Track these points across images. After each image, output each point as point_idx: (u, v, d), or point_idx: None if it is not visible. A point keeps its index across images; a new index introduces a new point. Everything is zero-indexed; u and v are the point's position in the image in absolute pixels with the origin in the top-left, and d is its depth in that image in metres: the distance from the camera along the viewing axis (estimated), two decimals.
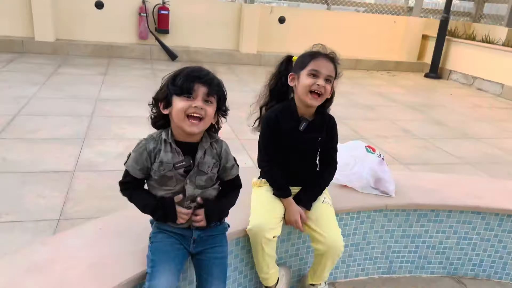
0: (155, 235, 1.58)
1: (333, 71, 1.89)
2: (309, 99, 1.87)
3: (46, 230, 2.52)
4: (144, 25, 7.87)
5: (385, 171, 2.27)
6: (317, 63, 1.87)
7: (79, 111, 4.66)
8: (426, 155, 4.33)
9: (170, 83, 1.51)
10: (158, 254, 1.50)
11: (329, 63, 1.89)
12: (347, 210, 2.11)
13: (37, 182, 3.05)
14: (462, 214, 2.28)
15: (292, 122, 1.94)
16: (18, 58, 6.92)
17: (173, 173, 1.52)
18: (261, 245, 1.80)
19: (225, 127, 2.10)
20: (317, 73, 1.85)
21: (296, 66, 1.94)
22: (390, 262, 2.34)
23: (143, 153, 1.53)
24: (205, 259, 1.59)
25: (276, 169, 1.97)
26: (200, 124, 1.49)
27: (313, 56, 1.89)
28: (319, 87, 1.84)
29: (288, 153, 1.97)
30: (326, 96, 1.89)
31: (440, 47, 8.69)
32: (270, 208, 1.90)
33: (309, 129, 1.94)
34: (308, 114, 1.95)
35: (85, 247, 1.58)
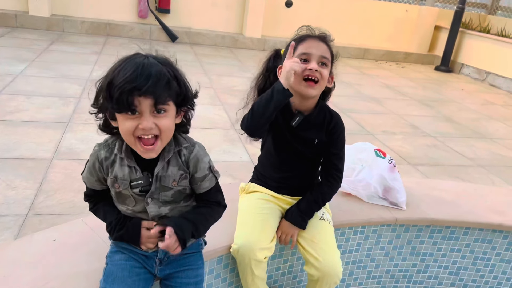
0: (111, 255, 1.29)
1: (327, 51, 1.59)
2: (304, 87, 1.55)
3: (11, 227, 2.25)
4: (144, 3, 7.50)
5: (396, 179, 1.97)
6: (306, 45, 1.57)
7: (67, 92, 4.36)
8: (436, 155, 4.03)
9: (105, 95, 1.13)
10: (111, 282, 1.21)
11: (319, 43, 1.59)
12: (350, 224, 1.82)
13: (9, 169, 2.77)
14: (481, 232, 2.00)
15: (284, 116, 1.63)
16: (10, 33, 6.59)
17: (129, 192, 1.23)
18: (250, 268, 1.51)
19: (221, 116, 1.81)
20: (307, 56, 1.55)
21: (284, 56, 1.62)
22: (396, 281, 2.07)
23: (95, 162, 1.25)
24: (174, 285, 1.30)
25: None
26: (156, 145, 1.16)
27: (300, 40, 1.60)
28: (312, 71, 1.53)
29: (279, 153, 1.68)
30: (324, 82, 1.58)
31: (453, 39, 8.29)
32: (261, 221, 1.60)
33: (304, 127, 1.63)
34: (305, 108, 1.64)
35: (30, 264, 1.30)
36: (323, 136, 1.66)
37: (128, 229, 1.25)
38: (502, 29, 8.34)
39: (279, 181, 1.70)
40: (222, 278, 1.63)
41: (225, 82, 5.53)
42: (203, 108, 4.40)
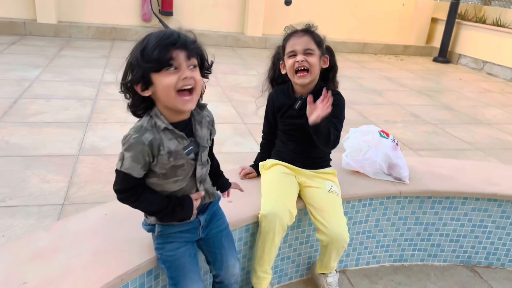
0: (162, 246, 1.44)
1: (310, 42, 1.86)
2: (297, 78, 1.87)
3: (51, 215, 2.47)
4: (148, 7, 7.72)
5: (399, 156, 2.18)
6: (290, 42, 1.89)
7: (82, 94, 4.58)
8: (436, 141, 4.24)
9: (141, 60, 1.24)
10: (176, 271, 1.41)
11: (302, 37, 1.87)
12: (359, 197, 2.04)
13: (40, 166, 2.99)
14: (478, 201, 2.21)
15: (288, 100, 1.96)
16: (20, 40, 6.82)
17: (184, 160, 1.36)
18: (273, 233, 1.72)
19: (230, 111, 2.07)
20: (294, 52, 1.86)
21: (282, 54, 1.98)
22: (402, 250, 2.28)
23: (143, 148, 1.28)
24: (212, 236, 1.53)
25: (268, 144, 2.09)
26: (193, 97, 1.28)
27: (286, 39, 1.93)
28: (300, 63, 1.83)
29: (285, 132, 1.99)
30: (314, 68, 1.85)
31: (449, 30, 8.49)
32: (284, 191, 1.84)
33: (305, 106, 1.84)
34: (306, 91, 1.92)
35: (89, 234, 1.52)
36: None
37: (187, 206, 1.40)
38: (497, 18, 8.53)
39: (292, 155, 1.96)
40: (249, 245, 1.85)
41: (230, 80, 5.75)
42: (212, 105, 4.56)
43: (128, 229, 1.55)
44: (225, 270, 1.54)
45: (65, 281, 1.30)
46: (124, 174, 1.31)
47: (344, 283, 2.13)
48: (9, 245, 1.49)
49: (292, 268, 2.08)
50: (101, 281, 1.31)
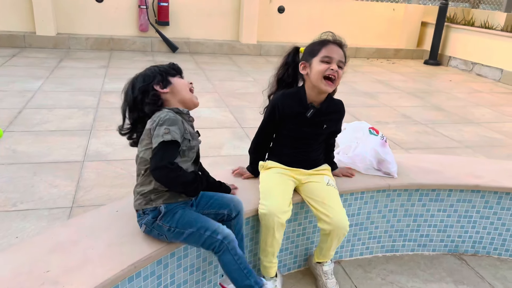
0: (171, 219, 1.59)
1: (343, 57, 1.97)
2: (324, 85, 1.93)
3: (61, 217, 2.61)
4: (144, 17, 7.90)
5: (388, 152, 2.34)
6: (329, 49, 1.94)
7: (84, 103, 4.73)
8: (427, 140, 4.41)
9: (159, 77, 1.69)
10: (196, 222, 1.58)
11: (339, 49, 1.97)
12: (351, 191, 2.19)
13: (48, 172, 3.13)
14: (462, 193, 2.36)
15: (300, 108, 2.02)
16: (20, 53, 6.98)
17: (196, 142, 1.67)
18: (273, 230, 1.86)
19: (228, 117, 2.21)
20: (329, 59, 1.92)
21: (306, 55, 2.02)
22: (393, 240, 2.43)
23: (180, 124, 1.57)
24: (204, 197, 1.77)
25: (260, 148, 2.18)
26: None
27: (324, 43, 1.97)
28: (333, 72, 1.91)
29: (292, 138, 2.07)
30: (338, 81, 1.97)
31: (439, 33, 8.72)
32: (282, 190, 1.97)
33: (316, 116, 2.01)
34: (318, 100, 2.02)
35: (103, 228, 1.66)
36: (331, 123, 2.10)
37: (204, 181, 1.68)
38: (485, 21, 8.76)
39: (291, 157, 2.08)
40: (250, 237, 1.99)
41: (227, 86, 5.91)
42: (210, 111, 4.78)
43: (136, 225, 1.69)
44: (230, 201, 1.77)
45: (85, 269, 1.43)
46: (175, 143, 1.53)
47: (339, 272, 2.27)
48: (31, 240, 1.63)
49: (290, 259, 2.22)
50: (116, 268, 1.45)
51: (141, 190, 1.64)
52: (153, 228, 1.61)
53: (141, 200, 1.63)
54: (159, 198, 1.62)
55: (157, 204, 1.61)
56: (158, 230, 1.62)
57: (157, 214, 1.61)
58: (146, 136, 1.59)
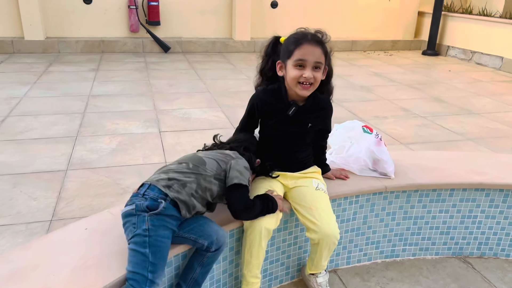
0: (155, 229, 1.43)
1: (321, 56, 1.76)
2: (299, 90, 1.77)
3: (38, 232, 2.45)
4: (135, 18, 7.72)
5: (383, 151, 2.18)
6: (302, 51, 1.73)
7: (71, 108, 4.57)
8: (427, 134, 4.24)
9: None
10: (159, 259, 1.41)
11: (315, 47, 1.75)
12: (345, 195, 2.03)
13: (28, 183, 2.97)
14: (465, 192, 2.20)
15: (281, 105, 1.85)
16: (9, 59, 6.82)
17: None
18: (259, 238, 1.70)
19: (220, 117, 2.06)
20: (303, 63, 1.73)
21: (282, 53, 1.83)
22: (393, 245, 2.27)
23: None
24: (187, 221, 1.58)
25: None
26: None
27: (297, 43, 1.75)
28: (307, 79, 1.74)
29: (275, 137, 1.90)
30: (317, 83, 1.79)
31: (436, 23, 8.52)
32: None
33: (299, 114, 1.85)
34: (300, 98, 1.86)
35: (68, 249, 1.51)
36: (317, 121, 1.90)
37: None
38: (483, 8, 8.56)
39: (277, 160, 1.91)
40: (236, 250, 1.84)
41: (220, 86, 5.75)
42: (201, 111, 4.61)
43: (108, 242, 1.54)
44: (215, 233, 1.58)
45: None
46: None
47: (335, 282, 2.11)
48: None
49: (282, 270, 2.06)
50: None
51: (173, 175, 1.54)
52: (137, 216, 1.44)
53: (164, 181, 1.51)
54: (177, 192, 1.50)
55: (168, 194, 1.48)
56: (138, 221, 1.43)
57: (154, 207, 1.45)
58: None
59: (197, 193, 1.55)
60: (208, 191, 1.58)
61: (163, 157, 3.46)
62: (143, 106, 4.77)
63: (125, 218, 1.47)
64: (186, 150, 3.52)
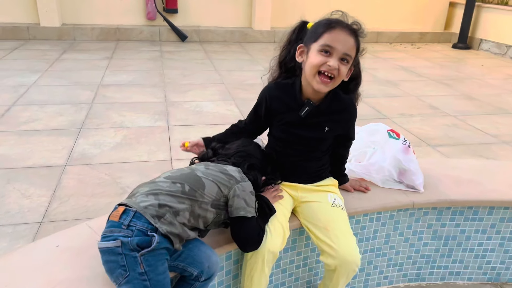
0: (153, 269, 1.17)
1: (353, 48, 1.47)
2: (317, 82, 1.46)
3: (26, 235, 2.26)
4: (152, 5, 7.50)
5: (412, 160, 1.87)
6: (333, 36, 1.44)
7: (79, 98, 4.38)
8: (457, 135, 3.88)
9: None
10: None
11: (348, 37, 1.46)
12: (364, 211, 1.74)
13: (23, 179, 2.79)
14: (507, 210, 1.88)
15: (292, 104, 1.57)
16: (23, 45, 6.70)
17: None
18: (262, 262, 1.44)
19: (233, 111, 1.80)
20: (330, 49, 1.44)
21: (307, 36, 1.52)
22: (419, 268, 1.97)
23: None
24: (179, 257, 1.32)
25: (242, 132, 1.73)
26: None
27: (328, 26, 1.46)
28: (330, 69, 1.43)
29: (286, 142, 1.61)
30: (339, 79, 1.49)
31: (469, 14, 8.01)
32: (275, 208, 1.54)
33: (314, 115, 1.56)
34: (316, 97, 1.56)
35: (34, 271, 1.28)
36: (334, 124, 1.60)
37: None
38: None
39: (287, 169, 1.64)
40: (233, 274, 1.58)
41: (236, 77, 5.48)
42: (214, 104, 4.36)
43: (80, 264, 1.30)
44: (207, 260, 1.33)
45: None
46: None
47: None
48: None
49: None
50: None
51: (164, 200, 1.24)
52: (126, 256, 1.15)
53: (153, 208, 1.22)
54: (169, 225, 1.22)
55: (159, 228, 1.19)
56: (128, 263, 1.15)
57: (146, 244, 1.17)
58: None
59: (189, 222, 1.28)
60: (202, 218, 1.32)
61: (169, 153, 3.23)
62: (154, 97, 4.54)
63: (106, 256, 1.19)
64: None
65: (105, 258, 1.19)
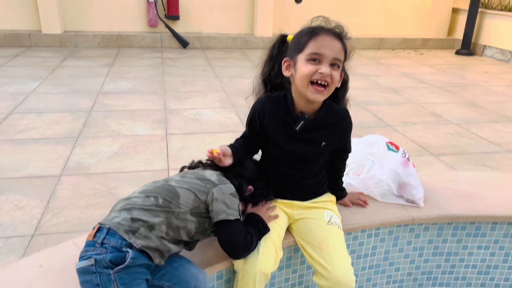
0: (128, 284, 1.13)
1: (341, 51, 1.42)
2: (311, 92, 1.40)
3: (17, 248, 2.20)
4: (153, 12, 7.49)
5: (411, 174, 1.81)
6: (318, 42, 1.39)
7: (78, 106, 4.35)
8: (461, 143, 3.81)
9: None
10: None
11: (334, 41, 1.41)
12: (362, 227, 1.68)
13: (17, 189, 2.74)
14: (511, 226, 1.81)
15: (285, 117, 1.50)
16: (25, 52, 6.69)
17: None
18: (253, 284, 1.38)
19: (232, 119, 1.75)
20: (319, 57, 1.38)
21: (291, 49, 1.48)
22: (419, 285, 1.91)
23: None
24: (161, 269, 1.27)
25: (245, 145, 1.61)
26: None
27: (312, 33, 1.41)
28: (323, 76, 1.37)
29: (281, 158, 1.55)
30: (334, 86, 1.43)
31: (472, 20, 7.94)
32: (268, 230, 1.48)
33: (309, 129, 1.50)
34: (310, 110, 1.50)
35: None
36: (332, 139, 1.55)
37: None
38: None
39: (281, 186, 1.58)
40: None
41: (236, 84, 5.43)
42: (214, 112, 4.31)
43: (63, 285, 1.24)
44: (193, 279, 1.28)
45: None
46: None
47: None
48: None
49: None
50: None
51: (137, 215, 1.20)
52: (100, 274, 1.12)
53: (126, 223, 1.18)
54: (144, 239, 1.17)
55: (134, 243, 1.15)
56: (102, 282, 1.12)
57: (119, 260, 1.13)
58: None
59: (168, 235, 1.23)
60: (183, 229, 1.26)
61: (166, 163, 3.18)
62: (153, 105, 4.50)
63: (83, 276, 1.15)
64: (191, 155, 3.21)
65: (81, 278, 1.15)
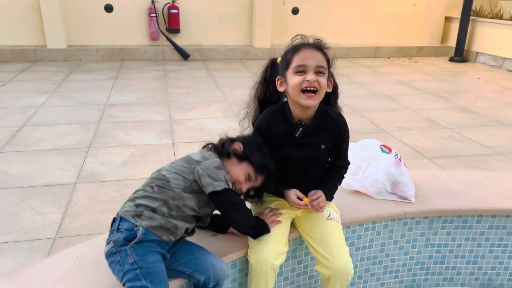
0: (142, 258, 1.33)
1: (322, 60, 1.61)
2: (303, 99, 1.59)
3: (41, 250, 2.38)
4: (155, 25, 7.72)
5: (403, 173, 2.00)
6: (301, 56, 1.59)
7: (87, 118, 4.54)
8: (453, 147, 4.00)
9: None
10: (160, 283, 1.32)
11: (314, 52, 1.61)
12: (359, 221, 1.86)
13: (36, 197, 2.92)
14: (495, 218, 2.00)
15: (286, 127, 1.69)
16: (31, 67, 6.90)
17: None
18: (266, 277, 1.56)
19: (236, 127, 1.92)
20: (304, 68, 1.58)
21: (281, 68, 1.68)
22: (414, 274, 2.08)
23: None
24: (179, 249, 1.49)
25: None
26: None
27: (294, 49, 1.62)
28: (310, 83, 1.56)
29: (285, 165, 1.71)
30: (323, 91, 1.61)
31: (464, 28, 8.19)
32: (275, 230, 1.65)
33: (308, 135, 1.69)
34: (307, 116, 1.68)
35: (57, 282, 1.40)
36: (329, 141, 1.72)
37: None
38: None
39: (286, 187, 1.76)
40: (238, 282, 1.70)
41: (238, 94, 5.63)
42: (216, 121, 4.51)
43: (98, 274, 1.43)
44: (212, 267, 1.46)
45: None
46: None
47: None
48: None
49: None
50: None
51: (139, 202, 1.44)
52: (119, 252, 1.35)
53: (131, 209, 1.42)
54: (149, 219, 1.40)
55: (140, 224, 1.38)
56: (122, 258, 1.35)
57: (132, 236, 1.36)
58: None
59: (171, 214, 1.43)
60: (184, 206, 1.46)
61: None
62: (159, 115, 4.70)
63: (108, 259, 1.39)
64: None
65: (108, 261, 1.38)
